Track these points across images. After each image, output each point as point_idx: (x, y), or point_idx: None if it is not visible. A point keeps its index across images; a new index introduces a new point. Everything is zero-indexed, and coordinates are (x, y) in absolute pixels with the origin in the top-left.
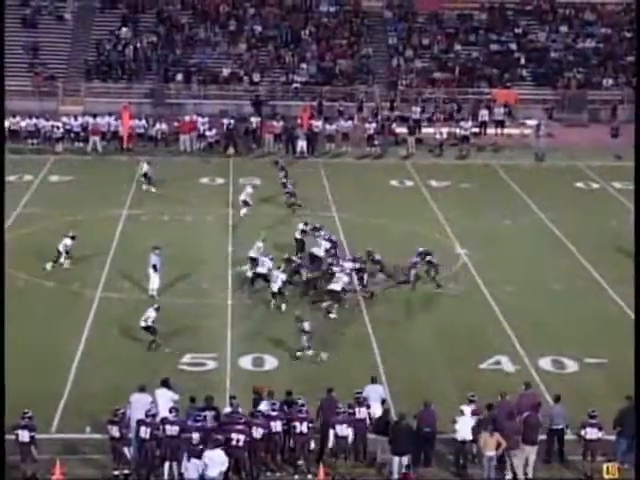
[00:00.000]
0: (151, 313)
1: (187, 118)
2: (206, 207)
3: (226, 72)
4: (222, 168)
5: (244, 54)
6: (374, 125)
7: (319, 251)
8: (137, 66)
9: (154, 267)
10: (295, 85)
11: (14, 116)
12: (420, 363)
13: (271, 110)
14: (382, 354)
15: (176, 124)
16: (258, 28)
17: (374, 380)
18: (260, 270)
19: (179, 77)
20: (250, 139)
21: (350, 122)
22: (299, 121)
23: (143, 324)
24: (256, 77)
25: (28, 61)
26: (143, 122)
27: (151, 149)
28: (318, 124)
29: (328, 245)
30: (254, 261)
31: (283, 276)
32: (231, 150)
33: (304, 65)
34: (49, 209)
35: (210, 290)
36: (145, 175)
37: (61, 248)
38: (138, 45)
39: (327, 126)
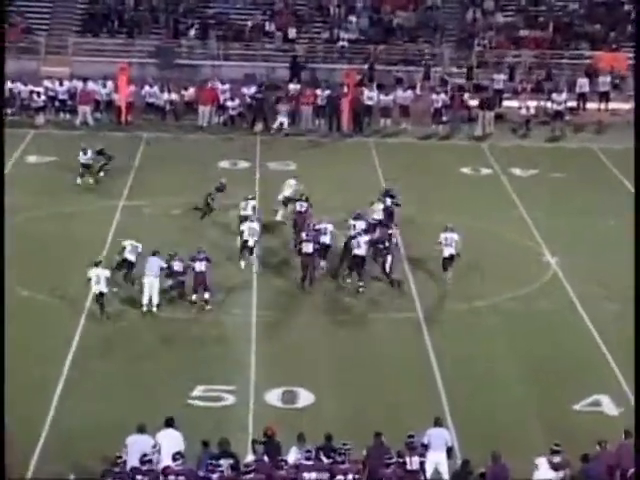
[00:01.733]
0: (104, 273)
1: (210, 84)
2: (226, 198)
3: (253, 26)
4: (247, 149)
5: (276, 3)
6: (442, 96)
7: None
8: (139, 17)
9: (160, 273)
10: (341, 43)
11: None
12: (497, 401)
13: (310, 75)
14: (448, 388)
15: (185, 92)
16: None
17: (438, 422)
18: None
19: (193, 32)
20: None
21: (411, 92)
22: (344, 89)
23: (97, 290)
24: (291, 33)
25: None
26: (155, 89)
27: (157, 123)
28: (372, 94)
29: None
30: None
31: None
32: (259, 126)
33: (353, 18)
34: (24, 198)
35: (229, 303)
36: (87, 166)
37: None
38: None
39: (381, 97)
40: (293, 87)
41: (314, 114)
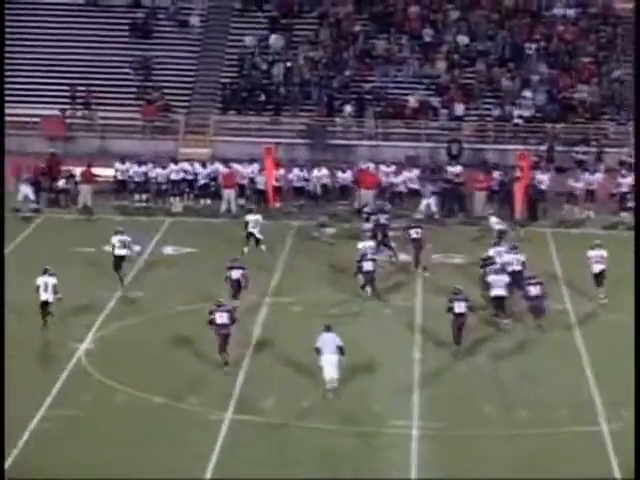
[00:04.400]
0: (51, 280)
1: (369, 167)
2: (383, 295)
3: (415, 102)
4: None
5: (442, 76)
6: (629, 180)
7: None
8: (289, 92)
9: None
10: (515, 121)
11: (121, 161)
12: None
13: (479, 157)
14: None
15: (341, 174)
16: (464, 39)
17: None
18: None
19: (348, 108)
20: (451, 197)
21: (598, 175)
22: (518, 173)
23: (44, 298)
24: (459, 109)
25: (137, 84)
26: (304, 173)
27: (310, 209)
28: (545, 177)
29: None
30: None
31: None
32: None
33: (528, 93)
34: (159, 294)
35: (385, 414)
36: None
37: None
38: (291, 62)
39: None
40: (452, 170)
41: (486, 199)
